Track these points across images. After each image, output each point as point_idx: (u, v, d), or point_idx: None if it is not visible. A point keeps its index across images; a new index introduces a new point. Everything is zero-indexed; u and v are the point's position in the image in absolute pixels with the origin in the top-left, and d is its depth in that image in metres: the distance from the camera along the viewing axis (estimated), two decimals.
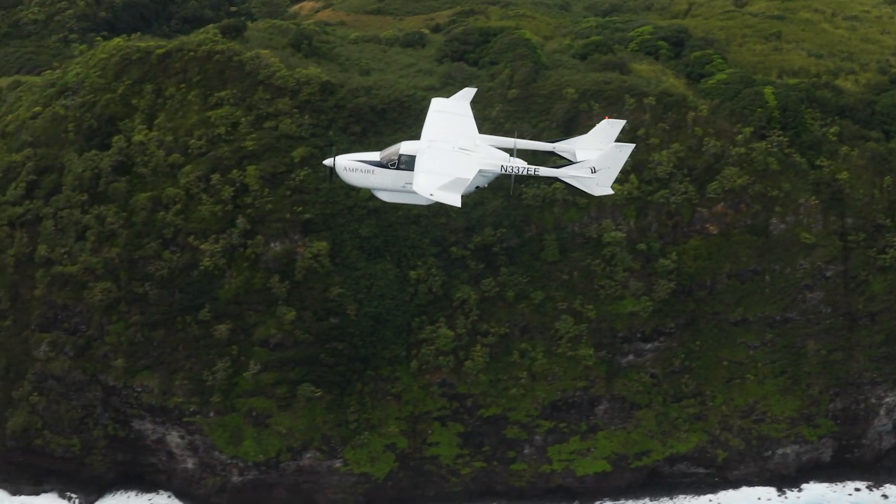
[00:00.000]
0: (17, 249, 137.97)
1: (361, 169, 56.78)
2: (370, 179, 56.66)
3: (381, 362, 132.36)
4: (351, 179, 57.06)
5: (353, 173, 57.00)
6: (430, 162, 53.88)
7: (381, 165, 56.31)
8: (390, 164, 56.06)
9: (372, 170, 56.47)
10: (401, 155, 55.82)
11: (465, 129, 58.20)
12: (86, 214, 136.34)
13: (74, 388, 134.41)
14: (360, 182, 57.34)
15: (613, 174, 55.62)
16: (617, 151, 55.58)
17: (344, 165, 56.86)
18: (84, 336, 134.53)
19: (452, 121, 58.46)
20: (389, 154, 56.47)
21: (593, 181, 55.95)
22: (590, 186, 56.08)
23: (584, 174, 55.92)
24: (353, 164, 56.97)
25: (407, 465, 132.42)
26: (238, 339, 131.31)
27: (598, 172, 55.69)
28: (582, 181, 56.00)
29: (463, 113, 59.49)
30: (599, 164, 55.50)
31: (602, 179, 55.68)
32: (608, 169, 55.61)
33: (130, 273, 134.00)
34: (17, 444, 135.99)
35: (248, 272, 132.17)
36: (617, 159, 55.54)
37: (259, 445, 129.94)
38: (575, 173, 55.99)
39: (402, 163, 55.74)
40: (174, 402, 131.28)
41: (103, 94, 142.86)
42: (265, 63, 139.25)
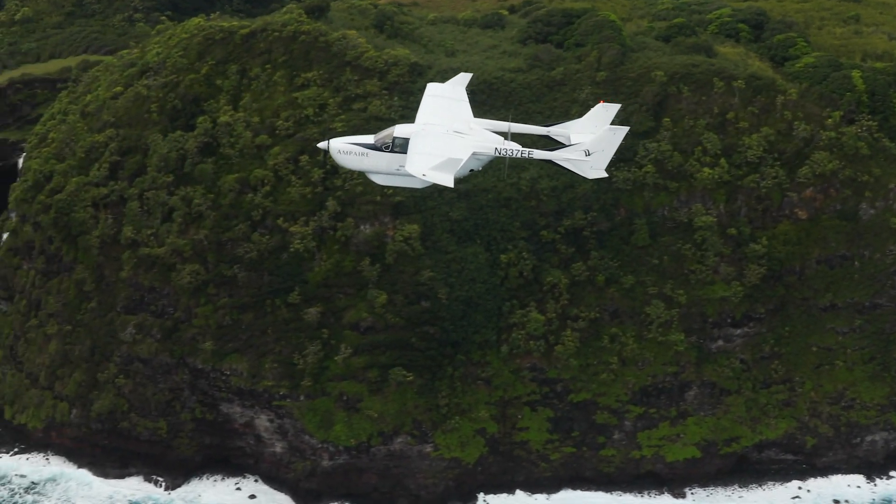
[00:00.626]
0: (102, 231, 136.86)
1: (356, 152, 56.28)
2: (364, 162, 56.23)
3: (471, 346, 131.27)
4: (345, 162, 56.66)
5: (347, 156, 56.43)
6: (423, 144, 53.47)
7: (376, 148, 55.85)
8: (384, 147, 55.51)
9: (366, 153, 56.01)
10: (395, 138, 55.21)
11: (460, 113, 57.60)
12: (172, 196, 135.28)
13: (161, 370, 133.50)
14: (354, 165, 56.88)
15: (608, 157, 55.18)
16: (611, 134, 54.90)
17: (338, 148, 56.22)
18: (171, 318, 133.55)
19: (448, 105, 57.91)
20: (383, 137, 55.95)
21: (587, 164, 55.39)
22: (584, 169, 55.48)
23: (578, 157, 55.45)
24: (347, 146, 56.39)
25: (496, 450, 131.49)
26: (328, 322, 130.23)
27: (593, 155, 55.28)
28: (576, 164, 55.53)
29: (458, 97, 58.84)
30: (593, 146, 54.94)
31: (596, 162, 55.30)
32: (602, 152, 55.12)
33: (218, 255, 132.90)
34: (102, 426, 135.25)
35: (339, 255, 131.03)
36: (611, 142, 54.94)
37: (350, 430, 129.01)
38: (569, 156, 55.50)
39: (396, 146, 55.17)
40: (263, 385, 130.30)
41: (186, 75, 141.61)
42: (352, 44, 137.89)
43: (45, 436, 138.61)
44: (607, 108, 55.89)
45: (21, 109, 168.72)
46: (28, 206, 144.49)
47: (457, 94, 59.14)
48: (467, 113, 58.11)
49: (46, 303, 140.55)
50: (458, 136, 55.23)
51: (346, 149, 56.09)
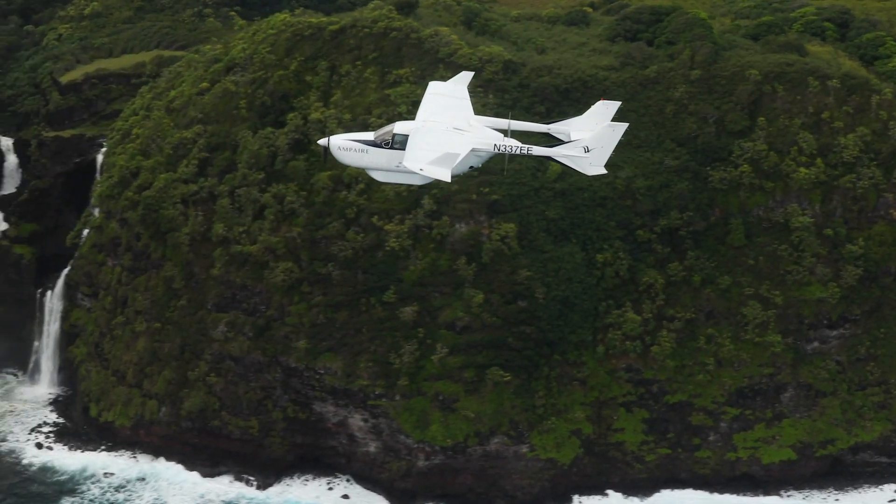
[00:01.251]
0: (192, 228, 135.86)
1: (356, 148, 56.04)
2: (364, 159, 56.02)
3: (567, 347, 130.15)
4: (345, 159, 56.50)
5: (347, 152, 56.24)
6: (422, 140, 53.39)
7: (375, 145, 55.50)
8: (384, 144, 55.18)
9: (366, 149, 55.75)
10: (395, 134, 54.88)
11: (461, 111, 57.25)
12: (264, 193, 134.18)
13: (253, 369, 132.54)
14: (354, 161, 56.63)
15: (607, 153, 54.98)
16: (610, 131, 54.67)
17: (338, 145, 56.13)
18: (264, 316, 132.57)
19: (448, 103, 57.58)
20: (383, 134, 55.67)
21: (586, 160, 55.06)
22: (583, 166, 55.11)
23: (578, 153, 55.07)
24: (347, 143, 56.21)
25: (591, 451, 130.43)
26: (424, 321, 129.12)
27: (592, 152, 54.87)
28: (575, 160, 55.18)
29: (460, 96, 58.45)
30: (593, 143, 54.60)
31: (595, 159, 54.97)
32: (602, 148, 54.81)
33: (312, 253, 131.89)
34: (192, 425, 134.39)
35: (434, 254, 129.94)
36: (610, 139, 54.75)
37: (446, 430, 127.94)
38: (568, 152, 55.11)
39: (395, 142, 54.81)
40: (359, 384, 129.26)
41: (275, 71, 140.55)
42: (445, 41, 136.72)
43: (132, 434, 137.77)
44: (608, 106, 55.58)
45: (96, 105, 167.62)
46: (114, 202, 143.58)
47: (458, 93, 59.02)
48: (468, 111, 57.88)
49: (134, 300, 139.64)
50: (457, 132, 55.11)
51: (346, 145, 56.17)
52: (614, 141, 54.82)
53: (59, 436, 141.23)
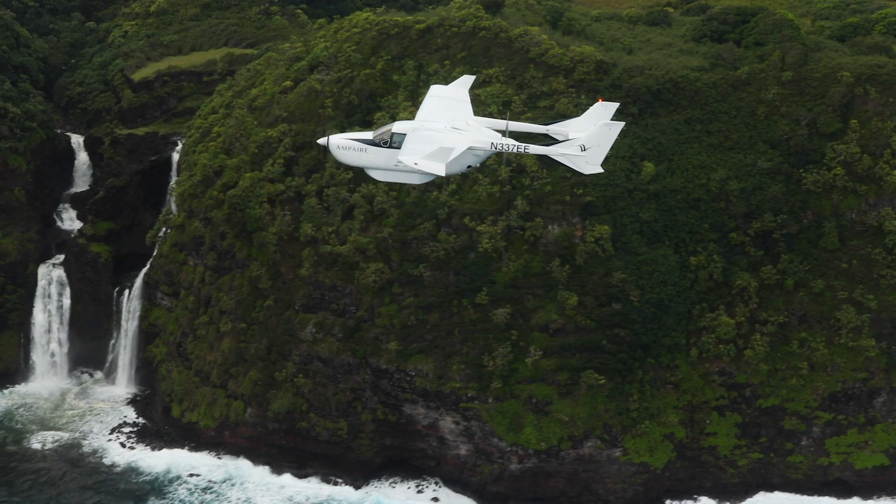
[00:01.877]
0: (279, 227, 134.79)
1: (354, 147, 56.66)
2: (363, 158, 56.69)
3: (661, 350, 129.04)
4: (344, 158, 57.14)
5: (346, 151, 56.86)
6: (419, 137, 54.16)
7: (374, 144, 56.15)
8: (382, 143, 55.85)
9: (365, 148, 56.38)
10: (393, 134, 55.58)
11: (460, 112, 58.01)
12: (354, 193, 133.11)
13: (343, 370, 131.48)
14: (353, 160, 57.31)
15: (603, 152, 55.70)
16: (607, 129, 55.34)
17: (337, 144, 56.69)
18: (353, 318, 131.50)
19: (449, 104, 58.35)
20: (382, 133, 56.45)
21: (583, 159, 55.84)
22: (579, 165, 56.00)
23: (574, 152, 55.82)
24: (346, 142, 56.82)
25: (684, 456, 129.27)
26: (516, 323, 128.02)
27: (588, 151, 55.59)
28: (572, 159, 55.99)
29: (460, 98, 59.20)
30: (589, 142, 55.41)
31: (592, 158, 55.72)
32: (598, 147, 55.58)
33: (403, 254, 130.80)
34: (279, 426, 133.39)
35: (527, 255, 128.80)
36: (607, 137, 55.49)
37: (540, 433, 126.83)
38: (565, 151, 55.93)
39: (394, 142, 55.43)
40: (450, 387, 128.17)
41: (361, 70, 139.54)
42: (535, 40, 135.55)
43: (217, 434, 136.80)
44: (606, 107, 56.35)
45: (168, 102, 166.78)
46: (196, 201, 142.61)
47: (459, 95, 59.59)
48: (467, 112, 58.52)
49: (218, 300, 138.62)
50: (455, 131, 55.69)
51: (345, 144, 56.63)
52: (611, 140, 55.27)
53: (141, 435, 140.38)
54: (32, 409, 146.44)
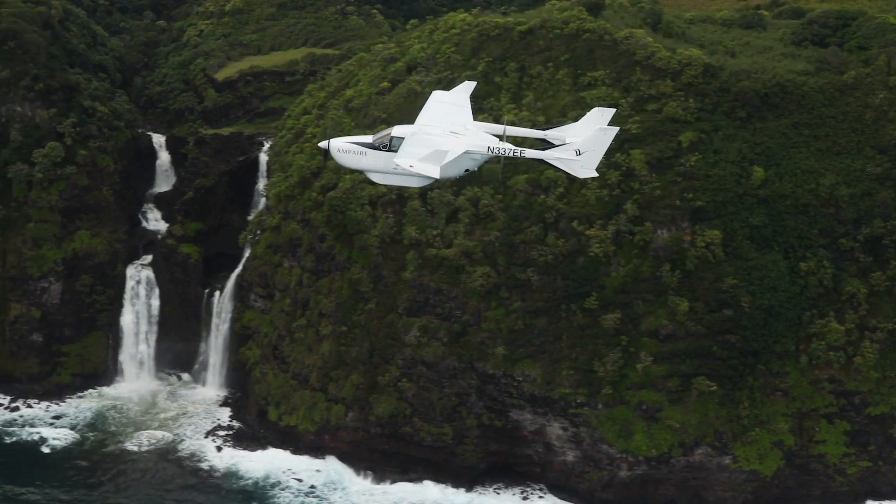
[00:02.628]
0: (382, 230, 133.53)
1: (354, 150, 56.96)
2: (362, 161, 56.98)
3: (771, 356, 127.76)
4: (344, 161, 57.58)
5: (346, 154, 57.20)
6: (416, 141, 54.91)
7: (374, 147, 56.48)
8: (382, 147, 56.28)
9: (364, 151, 56.70)
10: (392, 137, 56.11)
11: (459, 117, 58.67)
12: (458, 196, 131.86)
13: (448, 374, 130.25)
14: (352, 163, 57.63)
15: (598, 157, 55.81)
16: (601, 134, 55.40)
17: (338, 147, 57.05)
18: (459, 322, 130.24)
19: (449, 110, 59.00)
20: (381, 137, 56.85)
21: (578, 163, 55.83)
22: (574, 169, 56.02)
23: (569, 157, 55.89)
24: (346, 145, 57.11)
25: (793, 463, 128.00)
26: (626, 329, 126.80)
27: (583, 155, 55.68)
28: (567, 163, 56.03)
29: (461, 103, 59.89)
30: (584, 146, 55.52)
31: (587, 162, 55.79)
32: (593, 151, 55.66)
33: (509, 258, 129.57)
34: (382, 430, 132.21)
35: (637, 260, 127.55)
36: (601, 142, 55.56)
37: (650, 440, 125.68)
38: (560, 155, 56.03)
39: (393, 146, 55.89)
40: (559, 392, 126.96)
41: (461, 71, 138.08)
42: (641, 43, 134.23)
43: (317, 438, 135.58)
44: (603, 113, 56.14)
45: (250, 102, 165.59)
46: (294, 202, 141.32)
47: (460, 101, 60.19)
48: (467, 117, 59.10)
49: (316, 302, 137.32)
50: (452, 135, 56.30)
51: (345, 147, 56.89)
52: (605, 144, 55.48)
53: (237, 439, 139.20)
54: (124, 411, 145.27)
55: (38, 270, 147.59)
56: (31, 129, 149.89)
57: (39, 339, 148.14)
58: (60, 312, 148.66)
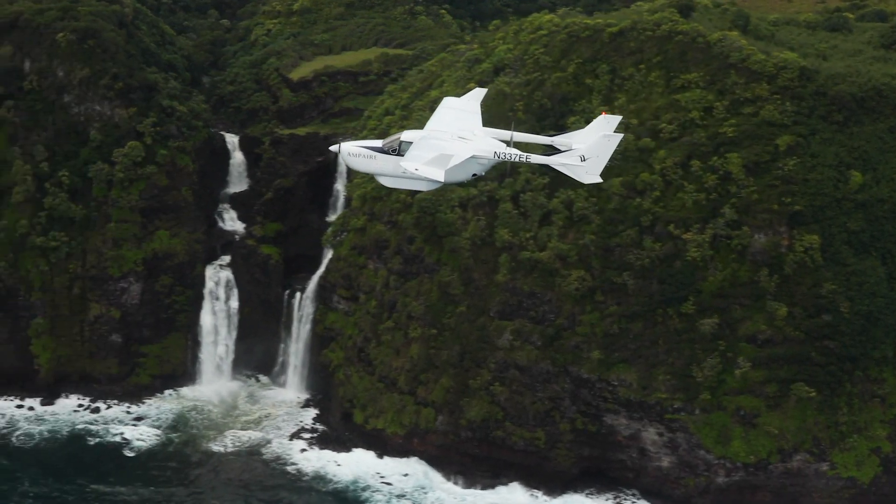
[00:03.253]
0: (473, 232, 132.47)
1: (364, 154, 58.14)
2: (372, 165, 58.09)
3: (869, 362, 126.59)
4: (354, 164, 58.92)
5: (356, 158, 58.41)
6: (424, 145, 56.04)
7: (384, 151, 57.53)
8: (392, 151, 57.30)
9: (374, 155, 57.78)
10: (401, 142, 57.18)
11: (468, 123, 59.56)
12: (551, 199, 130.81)
13: (541, 378, 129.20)
14: (363, 167, 58.71)
15: (602, 163, 56.80)
16: (606, 141, 56.37)
17: (349, 151, 58.43)
18: (553, 325, 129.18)
19: (458, 115, 59.82)
20: (391, 141, 57.89)
21: (582, 169, 56.86)
22: (579, 174, 57.03)
23: (574, 162, 56.88)
24: (357, 149, 58.45)
25: (890, 470, 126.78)
26: (723, 333, 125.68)
27: (588, 161, 56.66)
28: (572, 169, 57.05)
29: (471, 110, 60.70)
30: (589, 153, 56.49)
31: (591, 168, 56.81)
32: (597, 158, 56.65)
33: (604, 261, 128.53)
34: (473, 434, 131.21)
35: (734, 264, 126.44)
36: (606, 149, 56.55)
37: (748, 446, 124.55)
38: (565, 161, 56.97)
39: (402, 150, 56.88)
40: (655, 397, 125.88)
41: (551, 73, 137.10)
42: (735, 45, 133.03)
43: (405, 442, 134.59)
44: (609, 120, 56.94)
45: (325, 103, 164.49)
46: (381, 204, 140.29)
47: (469, 107, 61.01)
48: (476, 123, 59.90)
49: (404, 304, 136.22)
50: (460, 140, 57.16)
51: (355, 151, 58.16)
52: (610, 151, 56.27)
53: (322, 441, 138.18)
54: (205, 413, 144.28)
55: (118, 270, 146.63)
56: (110, 129, 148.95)
57: (119, 339, 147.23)
58: (140, 313, 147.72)
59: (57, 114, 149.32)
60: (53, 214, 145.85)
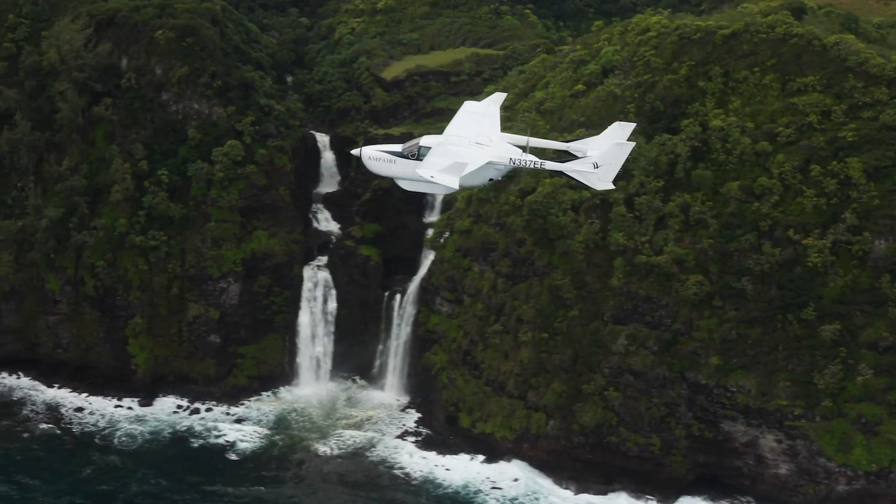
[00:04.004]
0: (586, 236, 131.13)
1: (384, 158, 58.98)
2: (392, 168, 58.96)
3: None
4: (375, 168, 59.68)
5: (376, 162, 59.23)
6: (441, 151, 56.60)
7: (403, 156, 58.27)
8: (410, 155, 58.01)
9: (394, 160, 58.57)
10: (420, 147, 57.89)
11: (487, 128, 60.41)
12: (667, 202, 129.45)
13: (656, 384, 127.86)
14: (382, 171, 59.58)
15: (615, 170, 57.71)
16: (618, 149, 57.32)
17: (369, 155, 59.27)
18: (669, 330, 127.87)
19: (477, 120, 60.63)
20: (411, 146, 58.50)
21: (595, 176, 57.76)
22: (592, 181, 57.97)
23: (587, 169, 57.76)
24: (377, 153, 59.24)
25: None
26: (844, 340, 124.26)
27: (601, 168, 57.56)
28: (585, 175, 57.87)
29: (490, 114, 61.49)
30: (602, 160, 57.42)
31: (604, 175, 57.73)
32: (610, 165, 57.52)
33: (722, 266, 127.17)
34: (586, 440, 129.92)
35: (856, 270, 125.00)
36: (618, 156, 57.48)
37: (870, 454, 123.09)
38: (578, 168, 57.82)
39: (420, 155, 57.57)
40: (775, 404, 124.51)
41: (663, 75, 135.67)
42: (853, 49, 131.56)
43: (514, 447, 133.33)
44: (623, 127, 58.17)
45: (417, 102, 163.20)
46: (488, 206, 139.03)
47: (489, 112, 61.68)
48: (494, 128, 60.71)
49: (513, 308, 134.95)
50: (477, 146, 58.07)
51: (376, 156, 58.95)
52: (622, 159, 57.26)
53: (428, 444, 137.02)
54: (305, 415, 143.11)
55: (218, 270, 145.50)
56: (208, 127, 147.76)
57: (217, 340, 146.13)
58: (238, 313, 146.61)
59: (155, 112, 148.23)
60: (153, 213, 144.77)
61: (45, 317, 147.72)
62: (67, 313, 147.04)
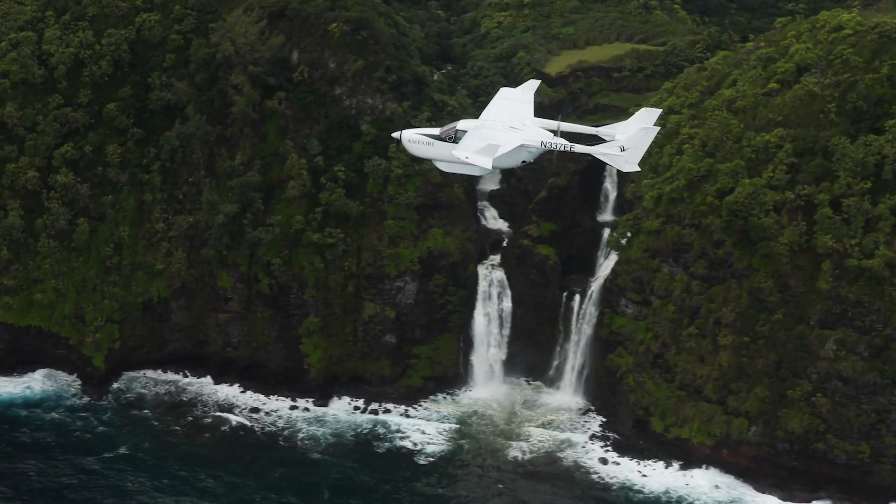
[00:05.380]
0: (791, 238, 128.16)
1: (423, 141, 61.74)
2: (430, 151, 61.74)
3: None
4: (414, 150, 62.64)
5: (416, 145, 62.04)
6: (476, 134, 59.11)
7: (440, 139, 60.96)
8: (448, 139, 60.65)
9: (432, 142, 61.29)
10: (457, 130, 60.65)
11: (521, 113, 63.26)
12: (876, 205, 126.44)
13: (867, 390, 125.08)
14: (421, 153, 62.53)
15: (640, 153, 60.47)
16: (644, 133, 60.25)
17: (409, 138, 62.27)
18: (881, 336, 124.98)
19: (512, 106, 63.41)
20: (448, 129, 61.42)
21: (622, 158, 60.78)
22: (619, 163, 61.16)
23: (615, 152, 60.77)
24: (416, 136, 62.20)
25: None
26: None
27: (627, 151, 60.37)
28: (612, 158, 61.11)
29: (524, 100, 64.62)
30: (628, 143, 60.23)
31: (630, 157, 60.51)
32: (636, 148, 60.25)
33: None
34: (790, 447, 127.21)
35: None
36: (644, 140, 60.33)
37: None
38: (606, 151, 60.90)
39: (457, 138, 60.26)
40: None
41: (863, 73, 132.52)
42: None
43: (713, 453, 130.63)
44: (650, 112, 60.94)
45: (579, 99, 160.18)
46: (681, 206, 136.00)
47: (524, 98, 64.46)
48: (528, 113, 63.39)
49: (709, 310, 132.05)
50: (511, 130, 60.30)
51: (415, 138, 61.85)
52: (647, 142, 60.45)
53: (619, 449, 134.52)
54: (486, 418, 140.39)
55: (395, 269, 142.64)
56: (383, 122, 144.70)
57: (392, 340, 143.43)
58: (414, 313, 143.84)
59: (329, 106, 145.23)
60: (329, 210, 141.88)
61: (216, 314, 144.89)
62: (239, 311, 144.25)
